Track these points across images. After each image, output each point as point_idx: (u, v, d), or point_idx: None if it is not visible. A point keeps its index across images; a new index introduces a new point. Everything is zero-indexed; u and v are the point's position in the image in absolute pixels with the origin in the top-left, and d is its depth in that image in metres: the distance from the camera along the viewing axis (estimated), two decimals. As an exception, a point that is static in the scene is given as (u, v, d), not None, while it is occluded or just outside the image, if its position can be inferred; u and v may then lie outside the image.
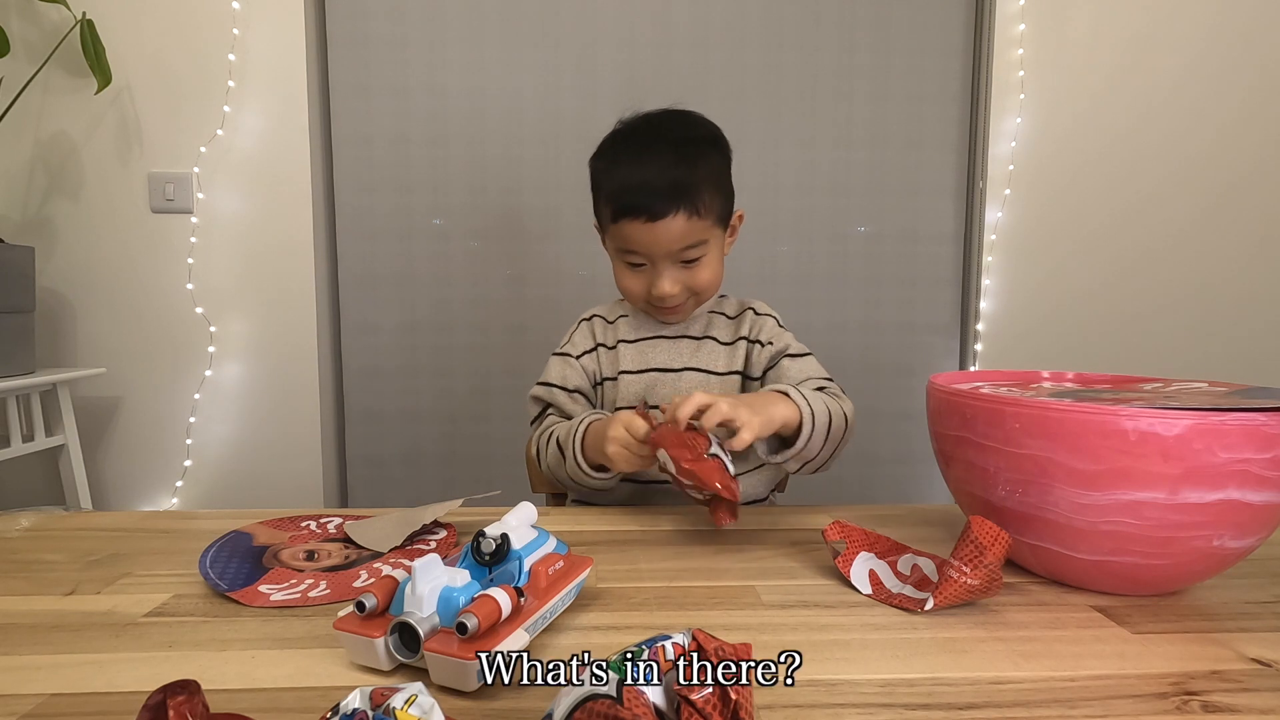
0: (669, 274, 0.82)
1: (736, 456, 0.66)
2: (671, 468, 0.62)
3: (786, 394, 0.71)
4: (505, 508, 0.53)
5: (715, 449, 0.62)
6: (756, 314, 0.92)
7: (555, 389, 0.89)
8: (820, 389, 0.81)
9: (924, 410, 0.62)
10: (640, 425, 0.68)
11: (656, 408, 0.73)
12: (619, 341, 0.91)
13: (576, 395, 0.90)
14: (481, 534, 0.46)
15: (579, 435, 0.77)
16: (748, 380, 0.90)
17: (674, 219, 0.78)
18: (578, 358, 0.91)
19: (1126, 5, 1.63)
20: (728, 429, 0.65)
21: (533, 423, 0.92)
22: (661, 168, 0.79)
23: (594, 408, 0.91)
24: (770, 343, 0.88)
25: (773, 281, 1.69)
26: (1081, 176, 1.67)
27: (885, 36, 1.65)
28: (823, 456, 0.75)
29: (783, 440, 0.72)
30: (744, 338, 0.90)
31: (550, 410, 0.90)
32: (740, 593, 0.53)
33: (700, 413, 0.64)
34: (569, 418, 0.87)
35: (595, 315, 0.95)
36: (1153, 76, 1.65)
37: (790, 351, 0.87)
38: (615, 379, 0.90)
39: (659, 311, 0.88)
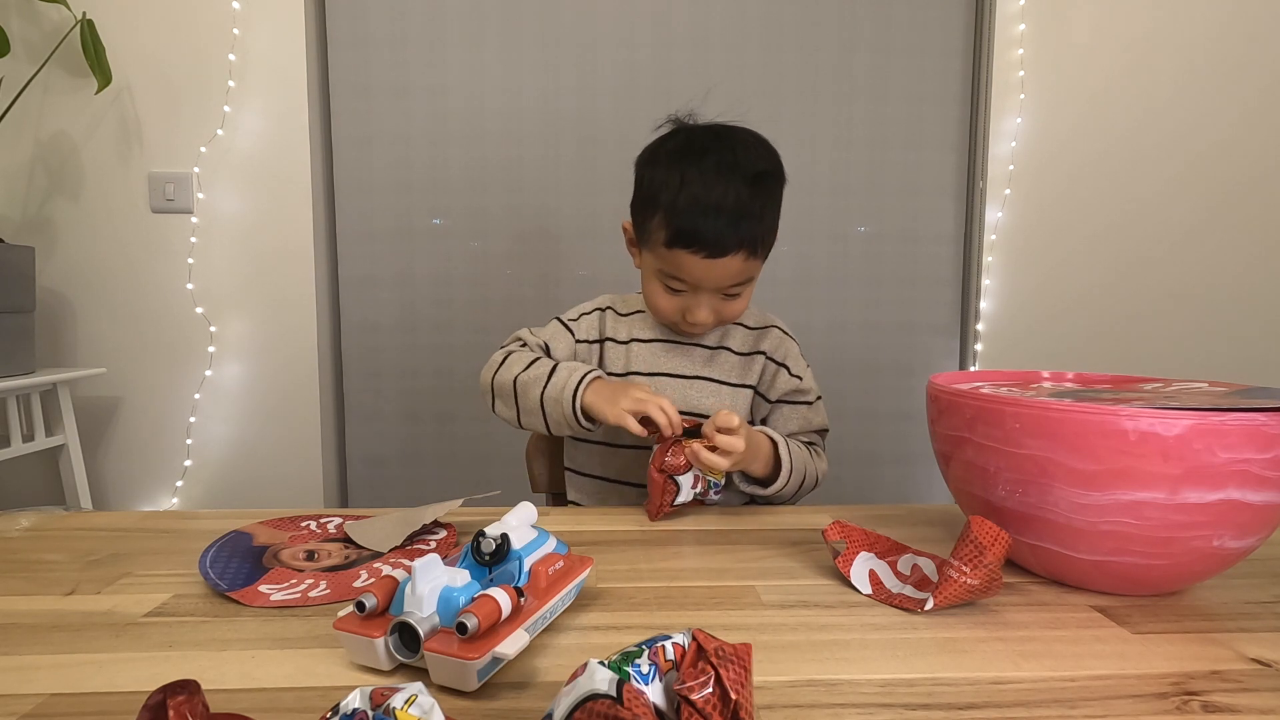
0: (708, 303, 0.81)
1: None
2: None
3: (775, 446, 0.78)
4: (505, 508, 0.53)
5: (688, 476, 0.70)
6: (783, 333, 0.91)
7: (543, 350, 0.88)
8: (810, 443, 0.87)
9: (924, 410, 0.62)
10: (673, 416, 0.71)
11: (693, 428, 0.73)
12: (632, 339, 0.90)
13: None
14: (481, 534, 0.46)
15: (586, 376, 0.75)
16: (759, 397, 0.90)
17: (733, 259, 0.76)
18: (575, 338, 0.89)
19: (1127, 5, 1.63)
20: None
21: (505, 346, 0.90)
22: (733, 203, 0.75)
23: None
24: (798, 376, 0.88)
25: (773, 282, 1.69)
26: (1082, 177, 1.67)
27: (885, 36, 1.65)
28: (782, 499, 0.82)
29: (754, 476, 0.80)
30: (763, 353, 0.89)
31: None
32: (740, 593, 0.53)
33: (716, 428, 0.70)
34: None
35: (610, 308, 0.92)
36: (1153, 77, 1.65)
37: (806, 399, 0.89)
38: (624, 376, 0.88)
39: (684, 329, 0.86)
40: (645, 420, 0.71)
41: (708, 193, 0.75)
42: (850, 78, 1.66)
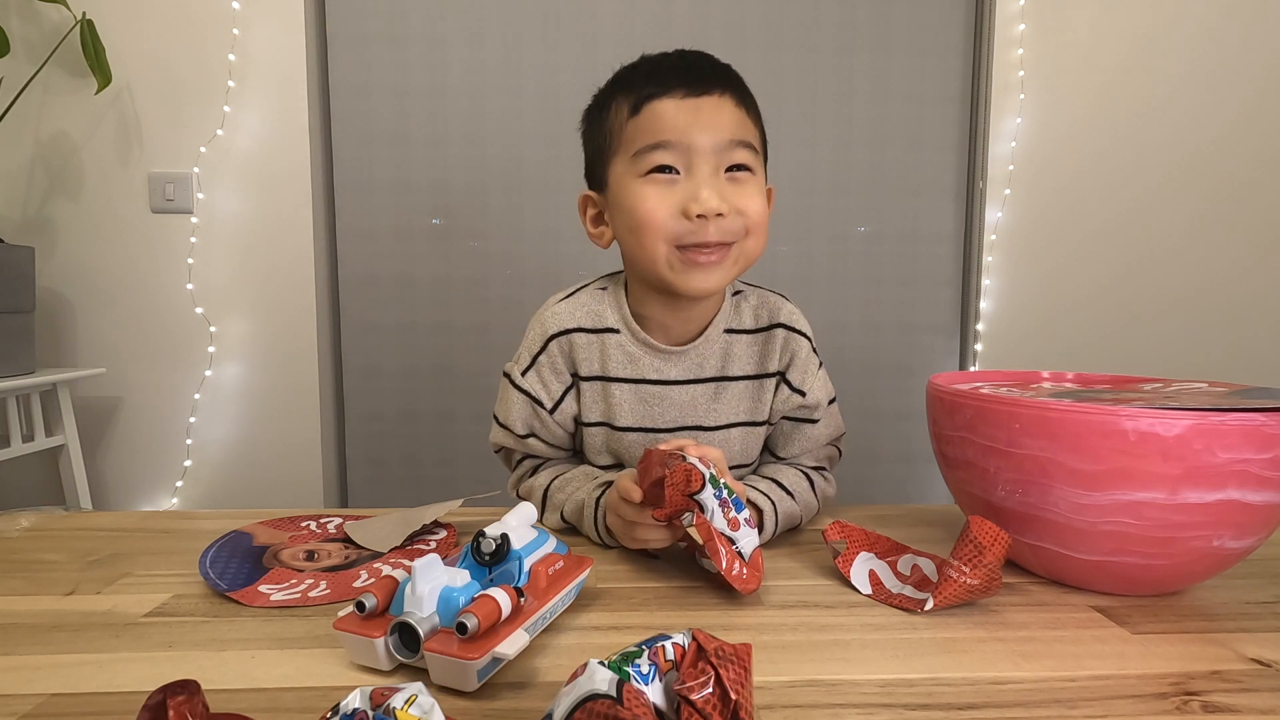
0: (710, 183, 0.61)
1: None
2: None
3: (760, 511, 0.62)
4: (505, 508, 0.53)
5: (705, 493, 0.53)
6: (789, 331, 0.71)
7: (536, 441, 0.71)
8: (817, 467, 0.72)
9: (924, 410, 0.62)
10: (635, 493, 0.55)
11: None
12: (610, 378, 0.69)
13: (557, 450, 0.73)
14: (481, 534, 0.46)
15: (601, 520, 0.62)
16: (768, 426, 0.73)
17: (722, 99, 0.62)
18: (552, 411, 0.69)
19: (1127, 5, 1.63)
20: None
21: (505, 459, 0.76)
22: (701, 56, 0.65)
23: (574, 456, 0.75)
24: (800, 391, 0.70)
25: (773, 282, 1.68)
26: (1081, 176, 1.67)
27: (885, 36, 1.65)
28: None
29: None
30: (777, 373, 0.70)
31: (525, 459, 0.74)
32: (740, 593, 0.53)
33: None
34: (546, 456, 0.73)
35: (574, 330, 0.70)
36: (1153, 76, 1.65)
37: (811, 416, 0.71)
38: (609, 427, 0.69)
39: (691, 264, 0.62)
40: (650, 481, 0.54)
41: (666, 55, 0.66)
42: (850, 78, 1.66)
